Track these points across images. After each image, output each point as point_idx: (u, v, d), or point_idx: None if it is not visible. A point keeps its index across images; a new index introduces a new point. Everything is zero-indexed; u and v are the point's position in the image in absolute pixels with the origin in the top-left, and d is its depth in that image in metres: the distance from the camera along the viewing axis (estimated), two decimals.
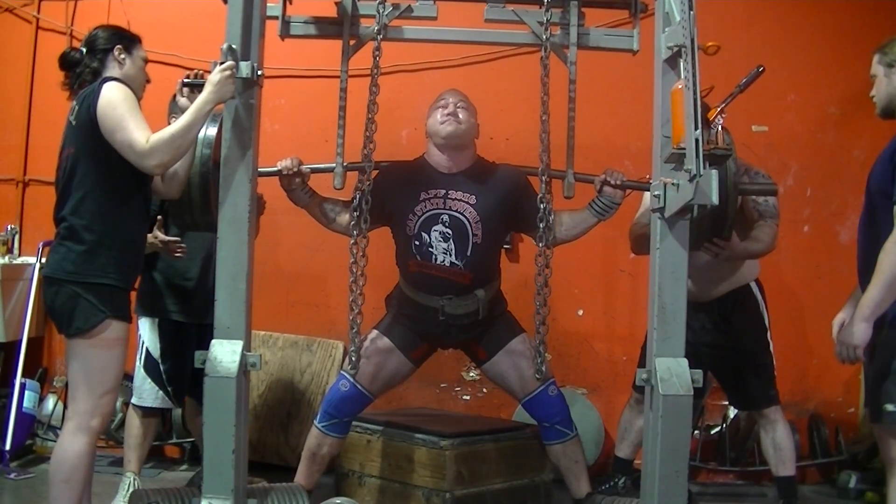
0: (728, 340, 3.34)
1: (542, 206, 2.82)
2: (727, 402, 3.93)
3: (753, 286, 3.39)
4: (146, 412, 3.42)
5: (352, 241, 2.85)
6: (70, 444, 2.53)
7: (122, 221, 2.58)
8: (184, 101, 2.65)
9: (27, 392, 4.04)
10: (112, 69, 2.68)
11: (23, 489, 3.68)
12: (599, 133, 4.15)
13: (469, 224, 2.99)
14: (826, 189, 4.30)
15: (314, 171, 2.98)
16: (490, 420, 3.90)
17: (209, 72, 2.47)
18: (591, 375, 4.29)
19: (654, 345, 2.53)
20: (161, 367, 3.39)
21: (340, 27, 2.98)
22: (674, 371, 2.46)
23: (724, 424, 4.12)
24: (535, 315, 2.82)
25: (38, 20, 4.54)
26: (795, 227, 4.23)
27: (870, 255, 2.50)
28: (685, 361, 2.49)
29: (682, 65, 2.28)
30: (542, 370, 2.93)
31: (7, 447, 3.91)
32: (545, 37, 2.83)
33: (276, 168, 2.92)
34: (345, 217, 3.00)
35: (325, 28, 3.02)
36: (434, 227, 2.99)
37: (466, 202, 3.01)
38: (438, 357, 3.44)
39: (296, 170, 2.92)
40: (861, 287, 2.59)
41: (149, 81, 2.82)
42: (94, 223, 2.53)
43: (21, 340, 4.09)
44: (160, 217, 3.26)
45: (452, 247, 2.99)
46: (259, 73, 2.49)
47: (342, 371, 3.10)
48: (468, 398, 4.32)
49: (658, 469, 2.43)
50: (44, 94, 4.42)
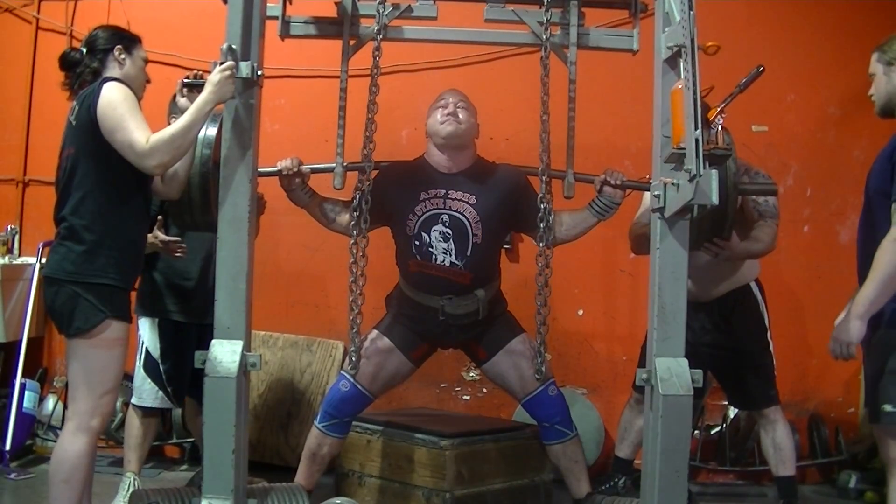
0: (728, 340, 3.34)
1: (543, 206, 2.82)
2: (727, 402, 3.92)
3: (753, 286, 3.39)
4: (146, 412, 3.42)
5: (352, 241, 2.85)
6: (70, 445, 2.53)
7: (123, 221, 2.58)
8: (184, 102, 2.65)
9: (27, 392, 4.04)
10: (112, 69, 2.68)
11: (23, 489, 3.68)
12: (599, 133, 4.15)
13: (469, 224, 2.99)
14: (826, 189, 4.30)
15: (314, 171, 2.98)
16: (490, 420, 3.90)
17: (209, 72, 2.47)
18: (591, 375, 4.28)
19: (654, 345, 2.53)
20: (161, 368, 3.39)
21: (340, 27, 2.98)
22: (674, 371, 2.46)
23: (724, 424, 4.11)
24: (536, 315, 2.82)
25: (38, 20, 4.54)
26: (795, 227, 4.23)
27: (869, 255, 2.49)
28: (685, 361, 2.49)
29: (682, 65, 2.28)
30: (542, 370, 2.93)
31: (7, 447, 3.91)
32: (545, 37, 2.84)
33: (276, 168, 2.91)
34: (345, 217, 3.00)
35: (325, 28, 3.02)
36: (434, 227, 2.99)
37: (466, 202, 3.00)
38: (438, 357, 3.44)
39: (296, 170, 2.92)
40: (860, 286, 2.58)
41: (149, 81, 2.82)
42: (95, 223, 2.53)
43: (21, 340, 4.09)
44: (160, 217, 3.26)
45: (452, 247, 2.99)
46: (259, 73, 2.49)
47: (342, 371, 3.10)
48: (468, 398, 4.32)
49: (658, 469, 2.43)
50: (44, 94, 4.42)
